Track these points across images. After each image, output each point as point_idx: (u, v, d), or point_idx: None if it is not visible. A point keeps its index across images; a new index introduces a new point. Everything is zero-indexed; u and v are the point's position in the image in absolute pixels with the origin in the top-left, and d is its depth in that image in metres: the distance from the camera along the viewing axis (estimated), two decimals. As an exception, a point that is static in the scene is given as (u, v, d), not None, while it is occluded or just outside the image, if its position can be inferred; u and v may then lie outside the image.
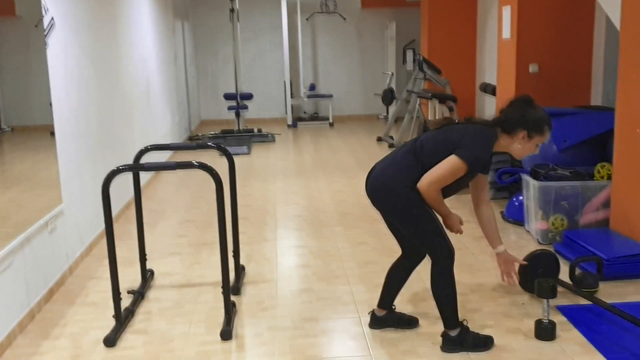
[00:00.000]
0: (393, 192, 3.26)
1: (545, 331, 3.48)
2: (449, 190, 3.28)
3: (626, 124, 4.61)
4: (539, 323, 3.51)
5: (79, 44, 5.21)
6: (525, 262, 3.55)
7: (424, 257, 3.55)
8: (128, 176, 4.56)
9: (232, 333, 3.62)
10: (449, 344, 3.37)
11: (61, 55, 4.73)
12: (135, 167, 3.81)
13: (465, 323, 3.41)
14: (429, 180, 3.16)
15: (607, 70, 6.60)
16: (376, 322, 3.67)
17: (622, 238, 4.61)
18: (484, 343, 3.38)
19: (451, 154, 3.15)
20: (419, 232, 3.32)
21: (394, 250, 3.66)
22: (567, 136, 5.51)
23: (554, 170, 5.14)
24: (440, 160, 3.17)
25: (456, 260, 4.70)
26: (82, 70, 5.25)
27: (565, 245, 4.76)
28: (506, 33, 6.95)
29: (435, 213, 3.30)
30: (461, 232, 3.41)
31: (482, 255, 4.83)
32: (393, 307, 3.68)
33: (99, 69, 5.77)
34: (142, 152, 4.20)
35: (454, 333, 3.36)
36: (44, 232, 4.20)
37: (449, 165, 3.14)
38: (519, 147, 3.26)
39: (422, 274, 4.19)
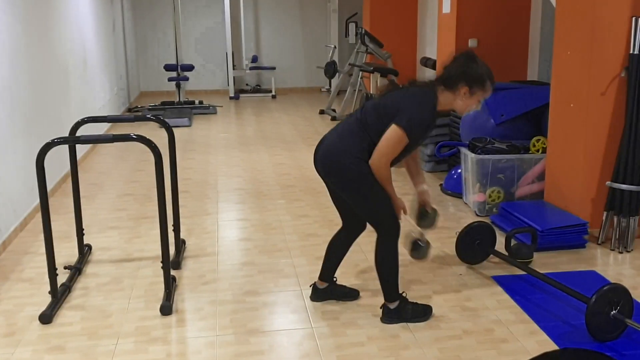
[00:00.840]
0: (343, 165, 3.23)
1: (418, 251, 3.54)
2: (399, 155, 3.24)
3: (560, 98, 4.73)
4: (414, 243, 3.55)
5: (11, 12, 5.01)
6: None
7: (363, 229, 3.58)
8: (64, 148, 4.43)
9: (172, 308, 3.59)
10: (388, 316, 3.43)
11: (-9, 22, 4.55)
12: (71, 140, 3.70)
13: (404, 294, 3.46)
14: (378, 155, 3.15)
15: (543, 46, 6.74)
16: (317, 295, 3.69)
17: (555, 210, 4.75)
18: (423, 313, 3.45)
19: (392, 122, 3.13)
20: (367, 206, 3.32)
21: (336, 223, 3.68)
22: (504, 110, 5.62)
23: (491, 144, 5.25)
24: (385, 129, 3.14)
25: (396, 232, 4.76)
26: (14, 38, 5.06)
27: (502, 216, 4.87)
28: (446, 7, 7.00)
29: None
30: (400, 219, 3.40)
31: (421, 228, 4.90)
32: (334, 279, 3.72)
33: (32, 37, 5.56)
34: (78, 124, 4.09)
35: (393, 306, 3.42)
36: (-25, 206, 4.07)
37: (391, 136, 3.12)
38: (461, 102, 3.24)
39: (362, 245, 4.24)
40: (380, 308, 3.46)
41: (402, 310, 3.42)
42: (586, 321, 3.17)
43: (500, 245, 4.26)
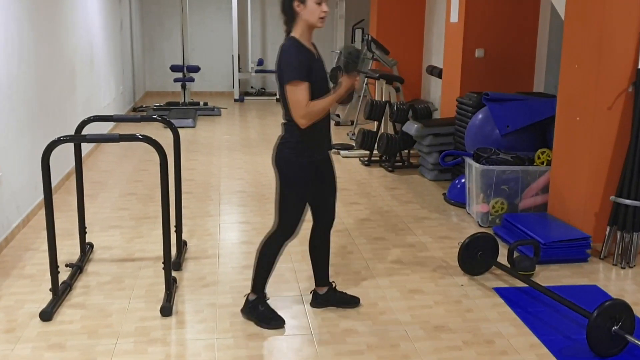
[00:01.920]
0: (275, 158, 3.35)
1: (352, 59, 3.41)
2: (320, 92, 3.28)
3: (567, 111, 4.72)
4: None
5: (21, 9, 5.02)
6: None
7: (332, 217, 3.62)
8: (69, 146, 4.44)
9: (173, 309, 3.59)
10: (246, 307, 3.51)
11: (1, 19, 4.55)
12: (77, 139, 3.71)
13: (266, 298, 3.51)
14: (295, 112, 3.19)
15: (550, 59, 6.74)
16: (318, 301, 3.68)
17: (559, 223, 4.74)
18: (268, 320, 3.46)
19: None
20: (278, 197, 3.37)
21: (337, 229, 3.69)
22: (510, 121, 5.62)
23: (496, 155, 5.24)
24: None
25: (398, 241, 4.77)
26: (23, 35, 5.07)
27: (505, 228, 4.86)
28: (454, 17, 7.01)
29: (304, 186, 3.36)
30: (359, 84, 3.36)
31: (424, 237, 4.89)
32: (333, 284, 3.71)
33: (41, 34, 5.57)
34: (84, 123, 4.09)
35: (252, 297, 3.49)
36: (-22, 201, 4.07)
37: (290, 92, 3.18)
38: (307, 17, 3.25)
39: (363, 253, 4.24)
40: (244, 296, 3.57)
41: (254, 307, 3.48)
42: (587, 336, 3.16)
43: (502, 257, 4.25)
